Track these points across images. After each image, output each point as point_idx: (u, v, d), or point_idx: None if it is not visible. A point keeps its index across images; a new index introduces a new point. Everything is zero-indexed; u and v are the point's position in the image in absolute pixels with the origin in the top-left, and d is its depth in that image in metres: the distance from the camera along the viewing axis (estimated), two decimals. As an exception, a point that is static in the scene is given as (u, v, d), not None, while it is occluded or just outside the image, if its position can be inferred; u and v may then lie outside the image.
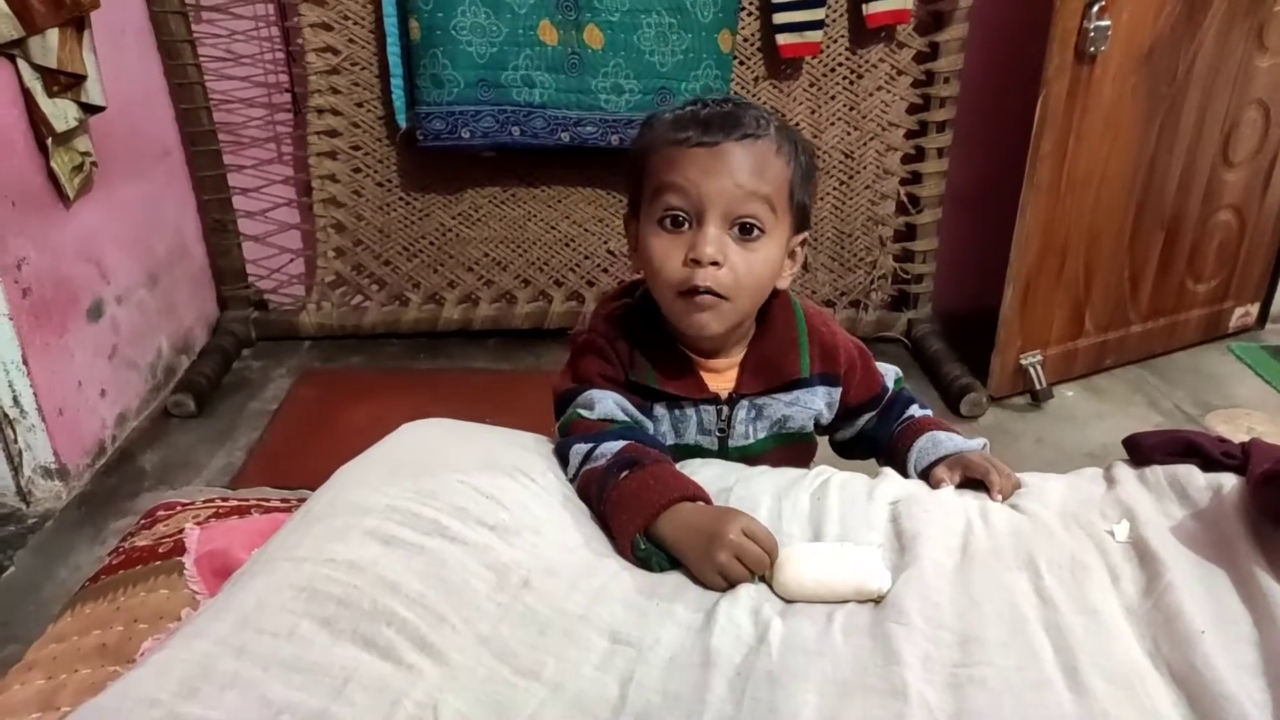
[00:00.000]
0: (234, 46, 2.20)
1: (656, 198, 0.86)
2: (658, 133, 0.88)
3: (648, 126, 0.90)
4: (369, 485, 0.73)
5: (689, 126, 0.85)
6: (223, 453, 1.91)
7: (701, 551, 0.74)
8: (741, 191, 0.84)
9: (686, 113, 0.87)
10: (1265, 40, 2.06)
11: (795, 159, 0.89)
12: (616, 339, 0.93)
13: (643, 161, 0.89)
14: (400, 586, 0.63)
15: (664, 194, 0.85)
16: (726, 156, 0.84)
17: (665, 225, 0.86)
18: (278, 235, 2.39)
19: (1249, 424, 1.99)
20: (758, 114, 0.87)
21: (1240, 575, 0.76)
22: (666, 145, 0.86)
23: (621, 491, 0.79)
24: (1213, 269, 2.29)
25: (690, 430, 0.95)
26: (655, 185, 0.86)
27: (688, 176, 0.84)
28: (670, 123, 0.87)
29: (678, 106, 0.90)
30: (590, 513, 0.84)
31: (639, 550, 0.76)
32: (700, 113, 0.86)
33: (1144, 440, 0.95)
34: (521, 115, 2.11)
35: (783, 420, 0.98)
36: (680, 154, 0.84)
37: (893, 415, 1.04)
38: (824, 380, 0.99)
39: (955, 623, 0.72)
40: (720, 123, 0.85)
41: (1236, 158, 2.18)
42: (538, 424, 1.00)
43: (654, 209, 0.87)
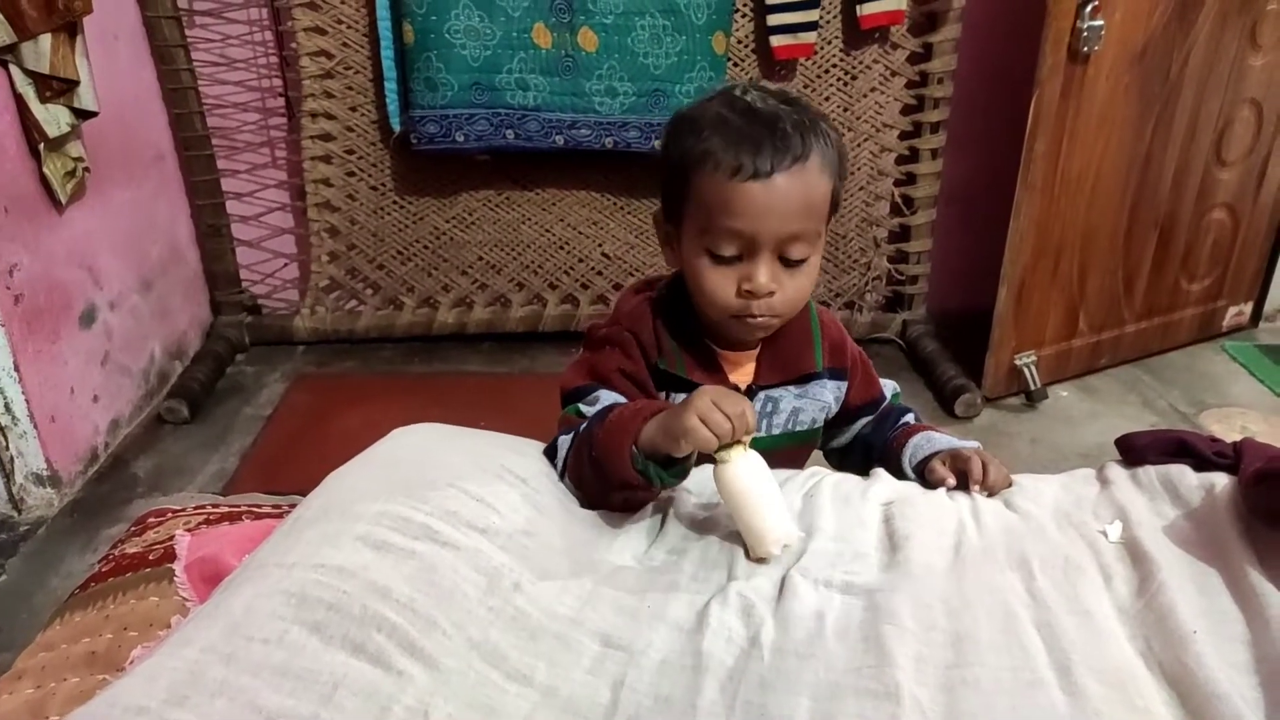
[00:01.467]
0: (228, 51, 2.20)
1: (708, 233, 0.85)
2: (705, 146, 0.83)
3: (690, 132, 0.85)
4: (360, 490, 0.73)
5: (741, 151, 0.82)
6: (216, 458, 1.90)
7: (679, 415, 0.77)
8: (792, 227, 0.84)
9: (734, 125, 0.83)
10: (1258, 39, 2.06)
11: (834, 164, 0.87)
12: (645, 329, 0.93)
13: (687, 175, 0.85)
14: (390, 592, 0.63)
15: (716, 233, 0.84)
16: (778, 192, 0.83)
17: (717, 257, 0.86)
18: (271, 240, 2.39)
19: (1243, 423, 2.00)
20: (799, 117, 0.84)
21: (1232, 574, 0.76)
22: (717, 172, 0.83)
23: (606, 429, 0.81)
24: (1206, 268, 2.30)
25: None
26: (706, 220, 0.85)
27: (743, 220, 0.83)
28: (719, 139, 0.83)
29: (717, 98, 0.87)
30: (583, 513, 0.84)
31: (637, 464, 0.78)
32: (750, 130, 0.82)
33: (1137, 440, 0.95)
34: (515, 118, 2.11)
35: (794, 414, 0.99)
36: (733, 191, 0.82)
37: (889, 423, 1.06)
38: (833, 374, 1.01)
39: (947, 623, 0.72)
40: (771, 147, 0.82)
41: (1230, 157, 2.18)
42: (532, 427, 1.00)
43: (703, 239, 0.86)
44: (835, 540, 0.83)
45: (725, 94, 0.87)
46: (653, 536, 0.85)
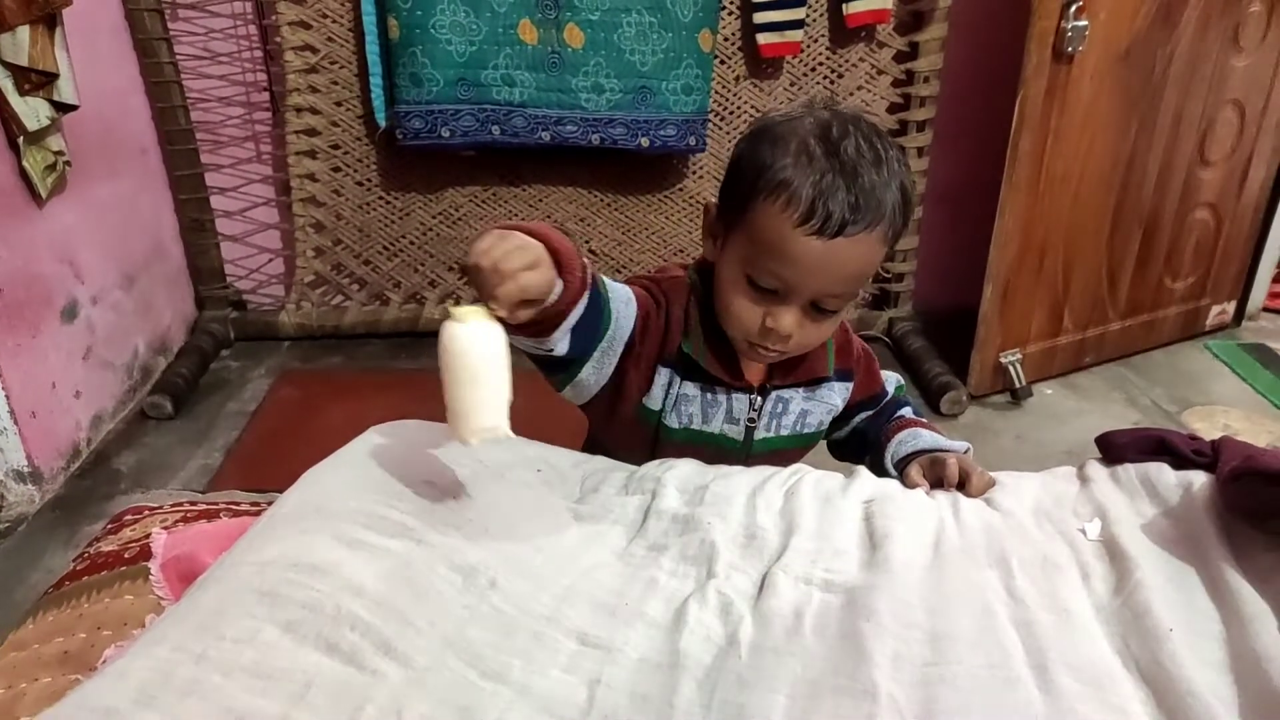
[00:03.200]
0: (211, 44, 2.18)
1: (752, 262, 0.83)
2: (781, 177, 0.79)
3: (771, 150, 0.81)
4: (335, 488, 0.73)
5: (815, 200, 0.78)
6: (200, 454, 1.89)
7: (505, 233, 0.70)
8: (836, 289, 0.83)
9: (818, 165, 0.79)
10: (1240, 40, 2.07)
11: (897, 228, 0.83)
12: (678, 305, 0.92)
13: (752, 195, 0.82)
14: (364, 590, 0.62)
15: (761, 267, 0.82)
16: (836, 255, 0.80)
17: (754, 286, 0.84)
18: (256, 235, 2.37)
19: (1225, 421, 2.01)
20: (882, 176, 0.80)
21: (1209, 573, 0.77)
22: (784, 211, 0.79)
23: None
24: (1190, 267, 2.31)
25: (718, 417, 0.95)
26: (755, 250, 0.82)
27: (791, 270, 0.81)
28: (797, 174, 0.79)
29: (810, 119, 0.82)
30: (562, 508, 0.83)
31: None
32: (831, 180, 0.78)
33: (1116, 438, 0.96)
34: (501, 114, 2.10)
35: (802, 416, 0.99)
36: (793, 239, 0.79)
37: (885, 414, 1.06)
38: (841, 376, 1.01)
39: (926, 621, 0.72)
40: (846, 206, 0.78)
41: (1213, 156, 2.19)
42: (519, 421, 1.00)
43: (746, 265, 0.84)
44: (815, 538, 0.83)
45: (820, 119, 0.83)
46: (633, 532, 0.84)
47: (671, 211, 2.34)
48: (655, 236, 2.35)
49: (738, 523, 0.84)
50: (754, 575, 0.79)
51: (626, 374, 0.92)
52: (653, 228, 2.35)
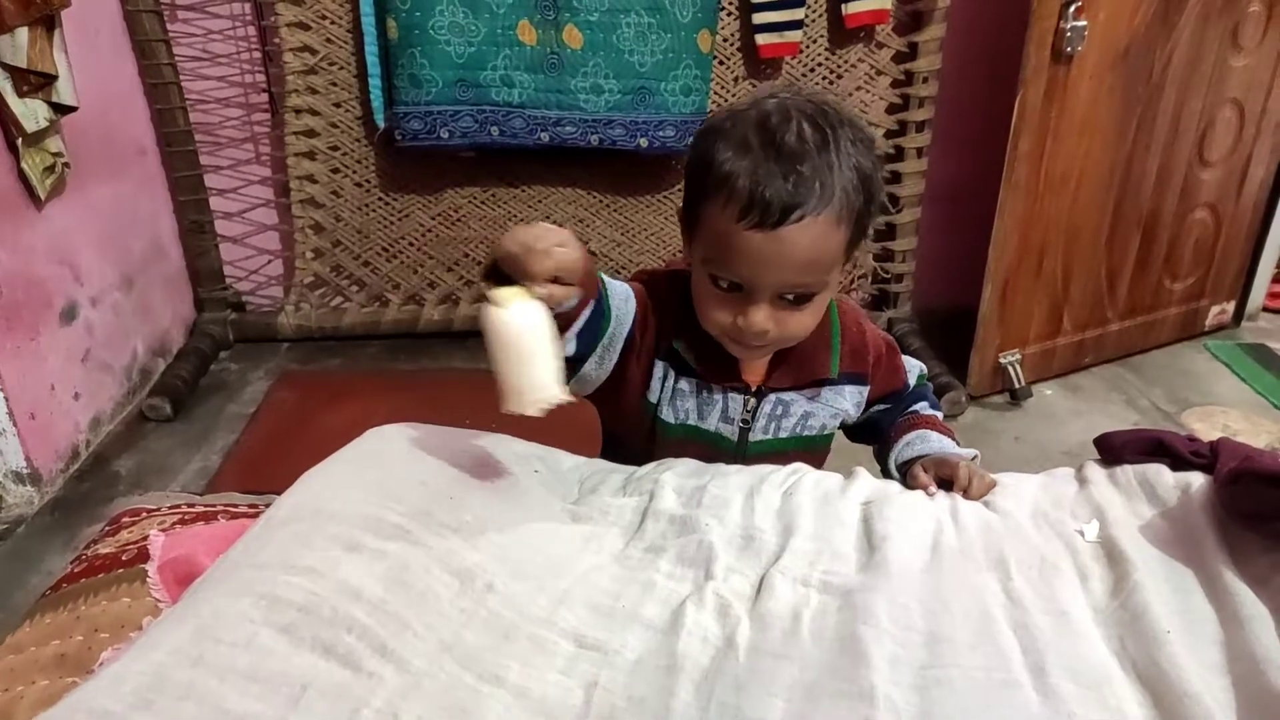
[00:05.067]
0: (210, 46, 2.19)
1: (710, 262, 0.82)
2: (721, 172, 0.78)
3: (713, 147, 0.80)
4: (332, 491, 0.73)
5: (752, 193, 0.76)
6: (199, 456, 1.89)
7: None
8: (792, 280, 0.81)
9: (755, 157, 0.77)
10: (1240, 40, 2.07)
11: (855, 208, 0.81)
12: (671, 306, 0.91)
13: (701, 195, 0.81)
14: (362, 593, 0.62)
15: (718, 267, 0.82)
16: (782, 245, 0.78)
17: (718, 286, 0.83)
18: (255, 236, 2.37)
19: (1225, 421, 2.01)
20: (827, 158, 0.78)
21: (1207, 574, 0.76)
22: (725, 208, 0.78)
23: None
24: (1189, 267, 2.31)
25: (713, 416, 0.95)
26: (709, 250, 0.82)
27: (741, 266, 0.80)
28: (735, 170, 0.78)
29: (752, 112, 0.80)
30: (561, 508, 0.83)
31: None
32: (767, 169, 0.77)
33: (1115, 439, 0.96)
34: (500, 115, 2.10)
35: (804, 419, 0.98)
36: (736, 235, 0.78)
37: (900, 407, 1.05)
38: (852, 379, 0.99)
39: (923, 624, 0.72)
40: (785, 194, 0.76)
41: (1212, 157, 2.19)
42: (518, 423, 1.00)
43: (707, 265, 0.83)
44: (813, 539, 0.83)
45: (763, 109, 0.80)
46: (630, 533, 0.84)
47: (670, 212, 2.34)
48: (654, 237, 2.35)
49: (735, 524, 0.84)
50: (752, 577, 0.79)
51: (628, 367, 0.92)
52: (651, 229, 2.35)
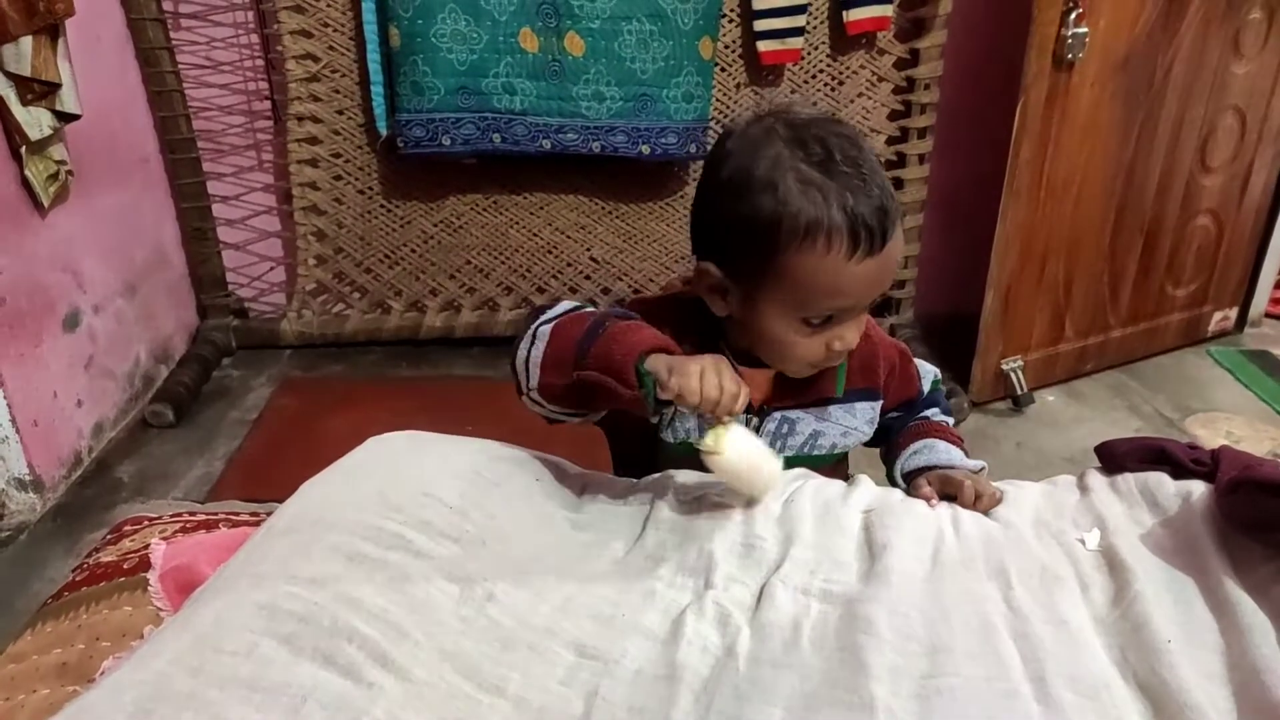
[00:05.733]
0: (213, 54, 2.19)
1: (803, 306, 0.81)
2: (808, 219, 0.76)
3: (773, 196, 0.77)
4: (333, 500, 0.73)
5: (856, 225, 0.76)
6: (201, 463, 1.89)
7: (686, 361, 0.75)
8: (887, 286, 0.85)
9: (831, 189, 0.76)
10: (1241, 47, 2.07)
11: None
12: (668, 328, 0.86)
13: (777, 246, 0.78)
14: (362, 602, 0.62)
15: (813, 309, 0.82)
16: (885, 259, 0.80)
17: (810, 325, 0.83)
18: (258, 243, 2.38)
19: (1228, 428, 2.01)
20: (871, 165, 0.79)
21: (1208, 583, 0.76)
22: (829, 252, 0.77)
23: (626, 324, 0.79)
24: (1191, 273, 2.31)
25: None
26: (806, 296, 0.80)
27: (853, 295, 0.81)
28: (825, 211, 0.76)
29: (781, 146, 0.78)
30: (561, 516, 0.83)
31: (640, 366, 0.74)
32: (855, 198, 0.76)
33: (1116, 447, 0.95)
34: (502, 122, 2.11)
35: (813, 438, 0.96)
36: (848, 270, 0.78)
37: (912, 414, 1.04)
38: (864, 395, 0.97)
39: (924, 633, 0.72)
40: (879, 219, 0.77)
41: (1214, 163, 2.19)
42: (520, 431, 1.00)
43: (799, 311, 0.82)
44: (815, 548, 0.83)
45: (787, 139, 0.79)
46: (631, 541, 0.84)
47: (673, 219, 2.34)
48: (657, 244, 2.36)
49: (736, 532, 0.84)
50: (752, 586, 0.78)
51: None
52: (654, 235, 2.35)
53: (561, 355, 0.79)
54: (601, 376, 0.75)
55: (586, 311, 0.83)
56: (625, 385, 0.74)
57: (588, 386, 0.77)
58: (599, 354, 0.76)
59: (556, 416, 0.86)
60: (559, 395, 0.81)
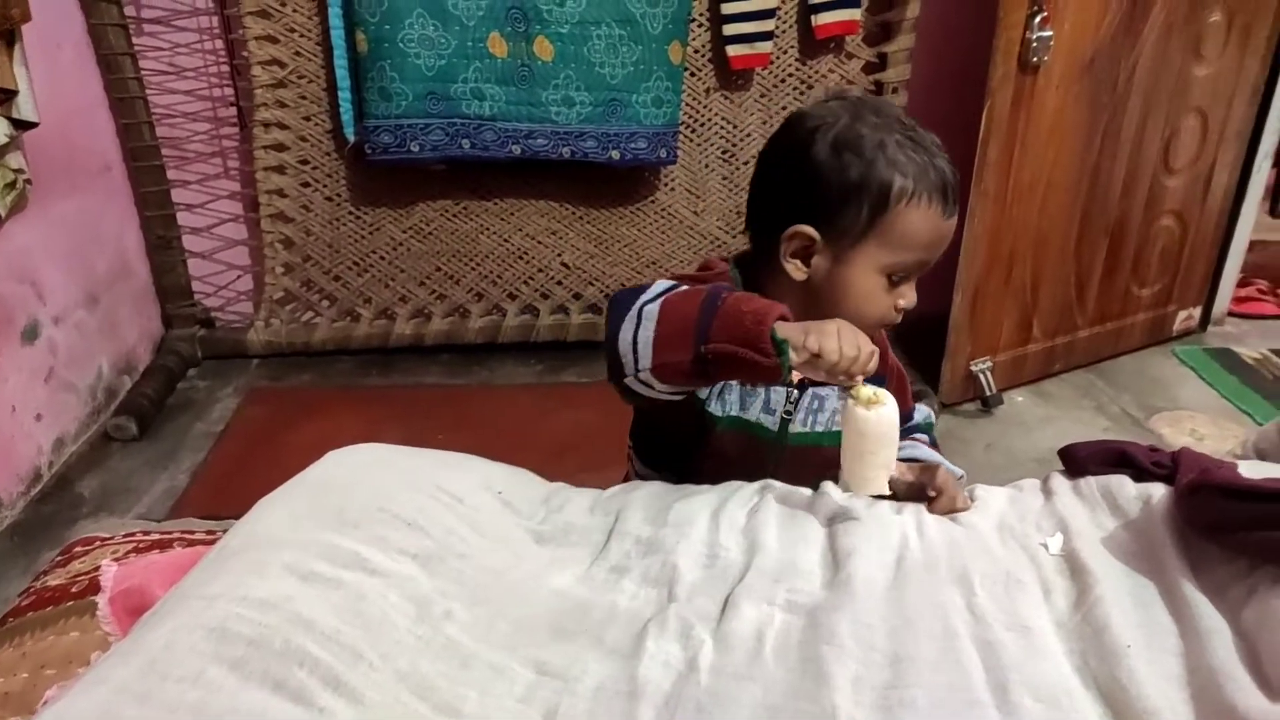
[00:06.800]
0: (177, 59, 2.16)
1: (898, 258, 0.89)
2: (912, 179, 0.86)
3: (881, 159, 0.87)
4: (288, 517, 0.72)
5: (945, 187, 0.88)
6: (165, 476, 1.86)
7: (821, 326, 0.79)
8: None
9: (928, 160, 0.87)
10: (1201, 50, 2.10)
11: None
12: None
13: (886, 203, 0.87)
14: (315, 624, 0.61)
15: (908, 261, 0.89)
16: (956, 221, 0.92)
17: (893, 281, 0.90)
18: (224, 251, 2.34)
19: (1192, 426, 2.03)
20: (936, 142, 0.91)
21: (1167, 586, 0.77)
22: (930, 207, 0.87)
23: (751, 297, 0.81)
24: (1156, 273, 2.34)
25: (756, 406, 0.97)
26: (901, 248, 0.88)
27: (933, 251, 0.90)
28: (922, 173, 0.87)
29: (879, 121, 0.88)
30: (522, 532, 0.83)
31: (775, 334, 0.76)
32: (942, 166, 0.88)
33: (1079, 451, 0.96)
34: (471, 128, 2.10)
35: (835, 415, 1.00)
36: (939, 226, 0.88)
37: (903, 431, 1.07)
38: (875, 380, 1.01)
39: (886, 643, 0.72)
40: (956, 181, 0.90)
41: (1177, 164, 2.22)
42: (491, 439, 1.00)
43: (889, 264, 0.89)
44: (779, 557, 0.82)
45: (875, 113, 0.89)
46: (595, 553, 0.84)
47: (644, 223, 2.33)
48: (628, 249, 2.35)
49: (700, 543, 0.83)
50: (716, 597, 0.78)
51: None
52: (625, 240, 2.34)
53: (679, 332, 0.79)
54: (734, 348, 0.76)
55: (690, 288, 0.84)
56: (762, 354, 0.76)
57: (714, 360, 0.78)
58: (726, 326, 0.77)
59: (659, 396, 0.85)
60: (677, 372, 0.80)
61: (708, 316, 0.78)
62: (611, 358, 0.83)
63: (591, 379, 2.28)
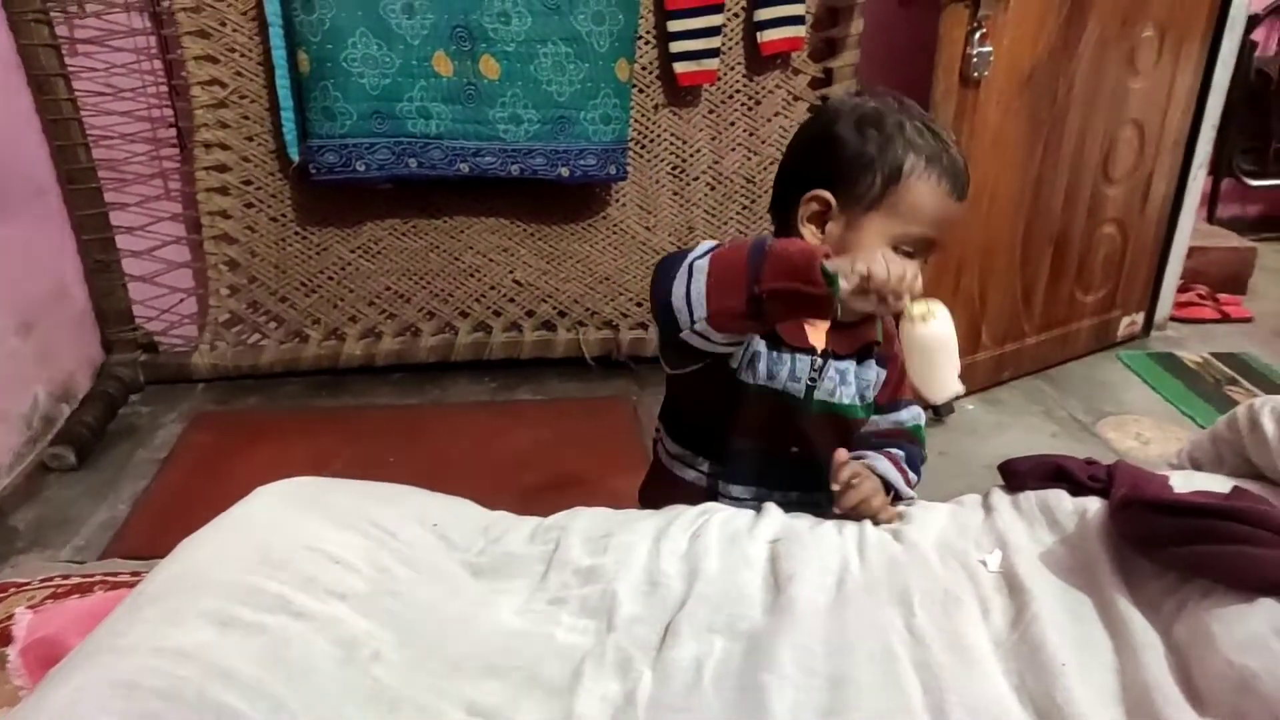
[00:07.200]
0: (113, 80, 2.11)
1: (906, 229, 0.93)
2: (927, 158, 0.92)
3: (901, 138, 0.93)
4: (211, 560, 0.69)
5: (957, 173, 0.94)
6: (105, 507, 1.80)
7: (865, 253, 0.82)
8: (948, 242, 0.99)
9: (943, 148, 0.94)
10: (1136, 64, 2.15)
11: None
12: None
13: (899, 174, 0.92)
14: (234, 673, 0.59)
15: (908, 238, 0.94)
16: (963, 210, 0.96)
17: (900, 251, 0.94)
18: (166, 274, 2.29)
19: (1137, 430, 2.07)
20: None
21: (1103, 601, 0.77)
22: (939, 185, 0.93)
23: (792, 242, 0.84)
24: (1100, 280, 2.38)
25: (783, 374, 1.00)
26: (909, 219, 0.93)
27: (939, 230, 0.95)
28: (937, 156, 0.93)
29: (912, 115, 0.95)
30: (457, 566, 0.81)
31: (826, 269, 0.78)
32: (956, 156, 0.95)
33: (1018, 466, 0.97)
34: (418, 147, 2.07)
35: (857, 387, 1.04)
36: (947, 206, 0.94)
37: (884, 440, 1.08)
38: (880, 360, 1.06)
39: (826, 666, 0.71)
40: (967, 172, 0.96)
41: (1116, 174, 2.27)
42: (444, 458, 0.98)
43: (897, 234, 0.93)
44: (720, 582, 0.82)
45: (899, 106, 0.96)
46: (534, 584, 0.82)
47: (596, 239, 2.33)
48: (580, 265, 2.34)
49: (641, 570, 0.83)
50: (656, 626, 0.77)
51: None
52: (577, 256, 2.33)
53: (732, 279, 0.82)
54: (787, 283, 0.80)
55: (734, 241, 0.88)
56: (814, 285, 0.78)
57: (769, 299, 0.81)
58: (776, 266, 0.80)
59: (714, 348, 0.89)
60: (732, 317, 0.84)
61: (757, 260, 0.81)
62: (665, 316, 0.86)
63: (546, 396, 2.26)
